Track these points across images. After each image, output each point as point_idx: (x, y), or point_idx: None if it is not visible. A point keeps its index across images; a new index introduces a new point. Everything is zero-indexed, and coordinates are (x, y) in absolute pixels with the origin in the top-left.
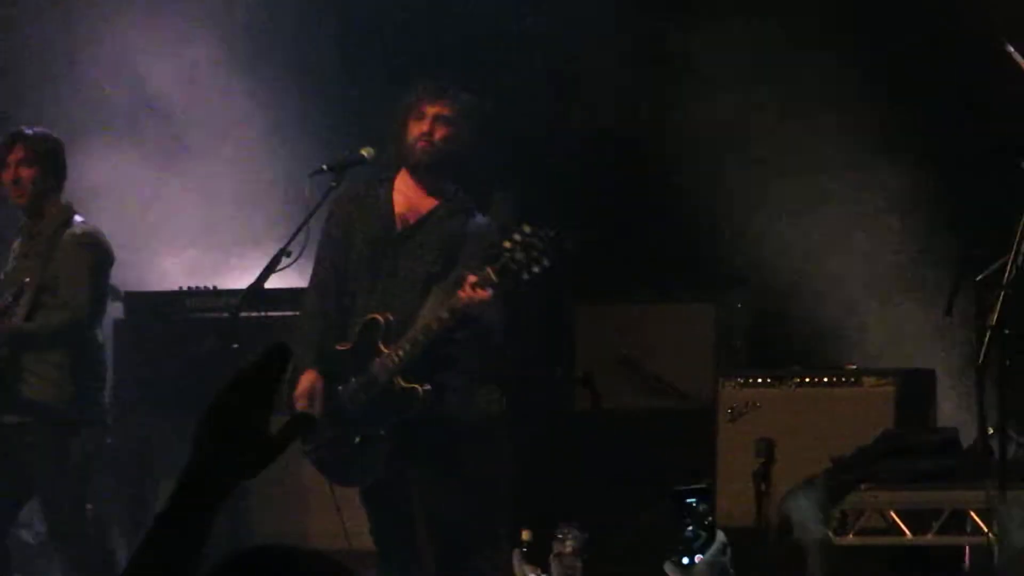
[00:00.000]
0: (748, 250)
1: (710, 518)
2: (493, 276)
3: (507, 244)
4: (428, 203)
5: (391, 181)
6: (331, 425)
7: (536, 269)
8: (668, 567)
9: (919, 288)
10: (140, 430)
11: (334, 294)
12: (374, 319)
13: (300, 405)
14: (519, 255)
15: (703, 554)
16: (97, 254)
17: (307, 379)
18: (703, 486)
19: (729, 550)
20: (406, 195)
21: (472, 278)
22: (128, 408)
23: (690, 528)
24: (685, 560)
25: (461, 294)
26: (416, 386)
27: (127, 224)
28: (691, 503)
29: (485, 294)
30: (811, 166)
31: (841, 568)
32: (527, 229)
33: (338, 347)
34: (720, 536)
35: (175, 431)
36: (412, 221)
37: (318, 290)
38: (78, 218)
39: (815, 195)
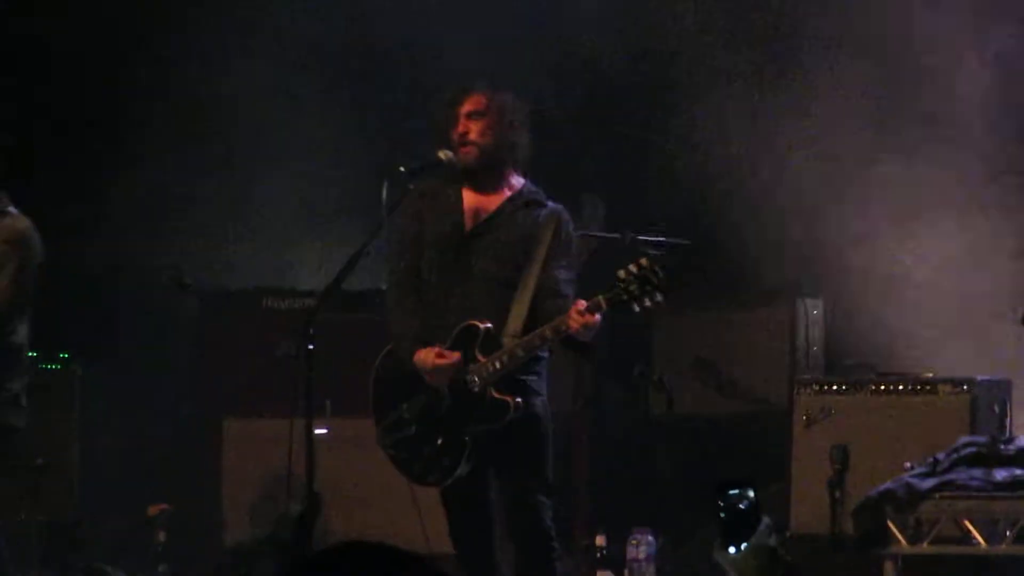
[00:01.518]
0: (826, 256)
1: (748, 502)
2: (603, 304)
3: (622, 274)
4: (496, 200)
5: (461, 182)
6: (416, 423)
7: (648, 303)
8: (716, 555)
9: (998, 296)
10: (214, 428)
11: (413, 291)
12: (473, 326)
13: (434, 363)
14: (633, 287)
15: (748, 540)
16: (22, 252)
17: (427, 352)
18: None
19: (775, 534)
20: (474, 195)
21: (582, 304)
22: (203, 405)
23: (723, 515)
24: (732, 549)
25: (571, 321)
26: (508, 399)
27: (206, 222)
28: (731, 493)
29: (594, 319)
30: (887, 169)
31: None
32: (644, 262)
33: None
34: (765, 520)
35: (247, 429)
36: (482, 219)
37: (400, 288)
38: (12, 210)
39: (894, 200)
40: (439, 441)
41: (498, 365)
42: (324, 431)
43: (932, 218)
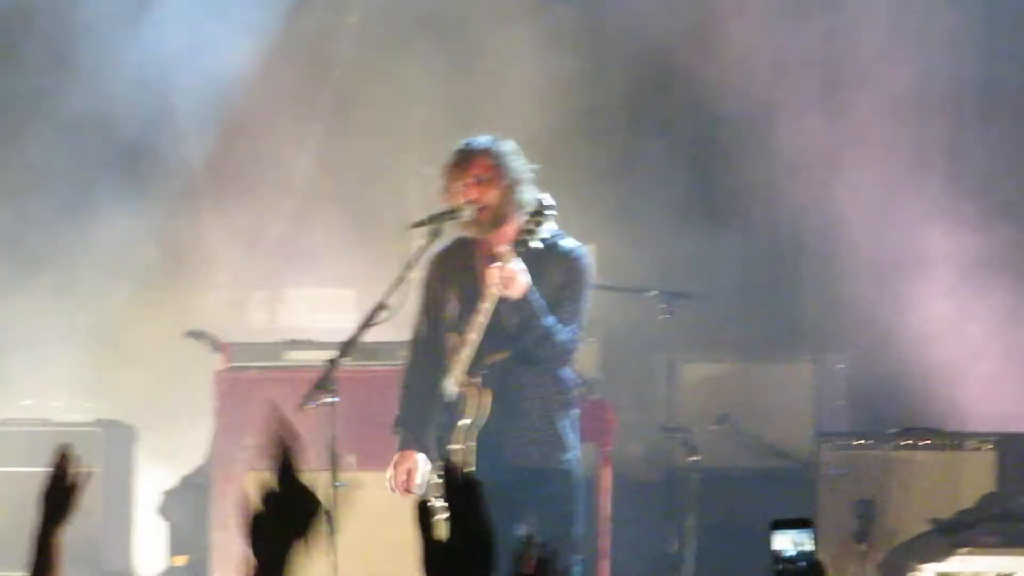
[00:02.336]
0: (849, 311)
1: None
2: (509, 249)
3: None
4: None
5: (476, 239)
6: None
7: (543, 235)
8: None
9: (1023, 351)
10: (237, 480)
11: (425, 371)
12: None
13: (399, 482)
14: (527, 226)
15: None
16: None
17: (404, 460)
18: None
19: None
20: (488, 246)
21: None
22: (226, 457)
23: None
24: None
25: (486, 278)
26: (469, 378)
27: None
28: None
29: (506, 268)
30: (908, 226)
31: None
32: (538, 205)
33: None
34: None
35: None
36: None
37: (413, 369)
38: None
39: (913, 255)
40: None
41: (461, 357)
42: (346, 485)
43: (957, 275)
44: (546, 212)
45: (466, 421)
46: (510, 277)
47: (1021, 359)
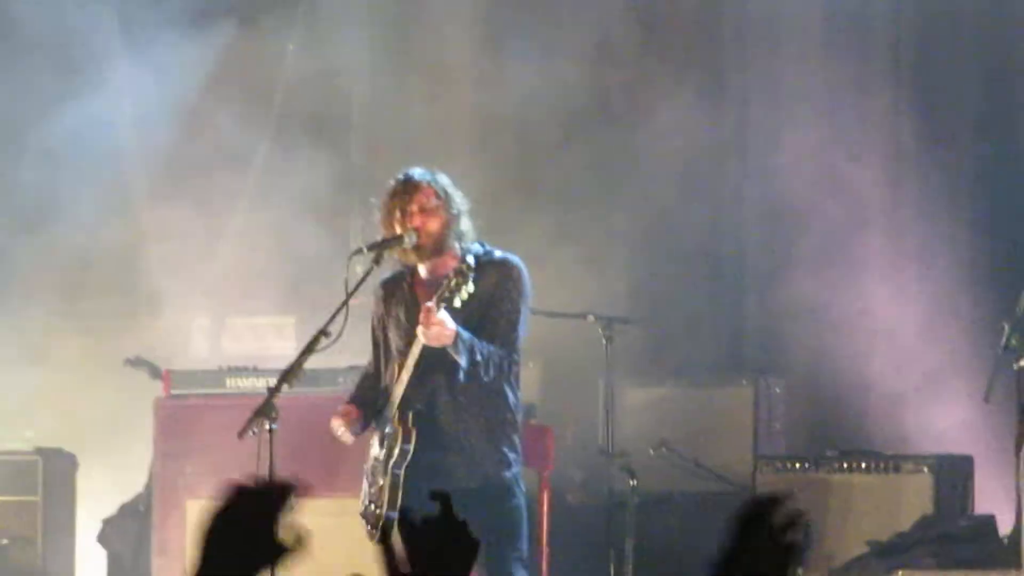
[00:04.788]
0: (787, 334)
1: None
2: (435, 306)
3: (449, 275)
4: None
5: (414, 269)
6: (371, 475)
7: (464, 295)
8: None
9: (959, 374)
10: (178, 507)
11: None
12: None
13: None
14: (452, 283)
15: None
16: None
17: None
18: None
19: None
20: (427, 274)
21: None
22: (167, 485)
23: None
24: None
25: (418, 328)
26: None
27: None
28: None
29: (433, 320)
30: (848, 250)
31: None
32: (462, 263)
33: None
34: None
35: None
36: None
37: (367, 383)
38: None
39: (855, 278)
40: (380, 483)
41: (394, 395)
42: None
43: (893, 297)
44: (469, 273)
45: (394, 456)
46: (437, 331)
47: (959, 381)
